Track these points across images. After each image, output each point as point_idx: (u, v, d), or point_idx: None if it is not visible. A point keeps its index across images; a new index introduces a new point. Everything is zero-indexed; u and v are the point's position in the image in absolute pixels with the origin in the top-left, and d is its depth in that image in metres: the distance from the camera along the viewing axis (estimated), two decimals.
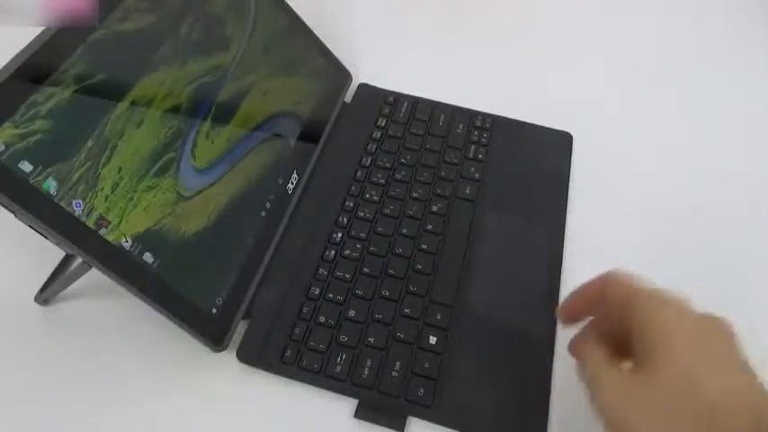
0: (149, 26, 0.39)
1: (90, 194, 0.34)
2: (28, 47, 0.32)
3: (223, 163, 0.43)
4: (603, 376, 0.30)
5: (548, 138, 0.55)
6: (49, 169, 0.32)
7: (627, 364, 0.30)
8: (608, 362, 0.30)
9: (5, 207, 0.31)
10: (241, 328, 0.42)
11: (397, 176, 0.51)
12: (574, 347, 0.35)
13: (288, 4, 0.52)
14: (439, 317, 0.43)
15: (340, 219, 0.48)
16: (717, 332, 0.29)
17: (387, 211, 0.48)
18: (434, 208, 0.49)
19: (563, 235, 0.48)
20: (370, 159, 0.52)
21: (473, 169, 0.52)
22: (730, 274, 0.47)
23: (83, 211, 0.33)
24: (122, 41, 0.37)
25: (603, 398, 0.29)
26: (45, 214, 0.31)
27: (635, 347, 0.29)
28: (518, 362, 0.41)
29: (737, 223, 0.50)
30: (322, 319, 0.42)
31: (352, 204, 0.49)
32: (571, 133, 0.55)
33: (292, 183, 0.48)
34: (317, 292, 0.44)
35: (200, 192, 0.41)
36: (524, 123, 0.56)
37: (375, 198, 0.49)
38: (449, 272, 0.45)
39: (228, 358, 0.41)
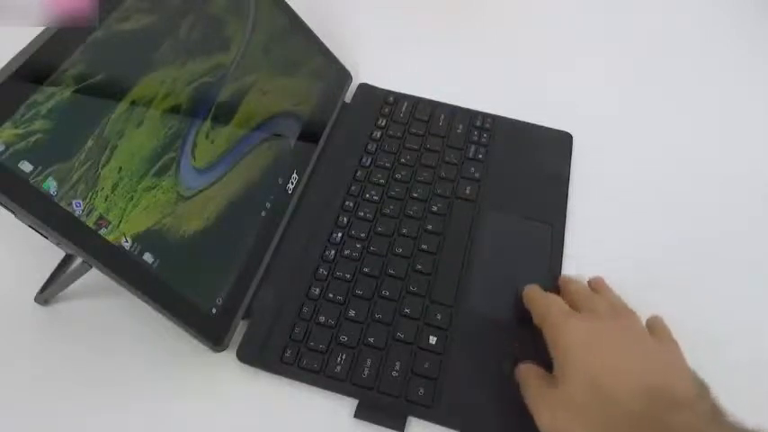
0: (149, 26, 0.39)
1: (90, 194, 0.34)
2: (28, 47, 0.32)
3: (223, 163, 0.43)
4: (538, 400, 0.36)
5: (548, 138, 0.55)
6: (49, 169, 0.32)
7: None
8: (540, 385, 0.36)
9: (5, 207, 0.31)
10: (241, 328, 0.42)
11: (397, 176, 0.51)
12: (518, 371, 0.39)
13: (288, 4, 0.52)
14: (439, 317, 0.43)
15: (340, 219, 0.48)
16: (610, 334, 0.36)
17: (387, 210, 0.48)
18: (434, 208, 0.49)
19: (563, 235, 0.48)
20: (370, 159, 0.52)
21: (473, 169, 0.52)
22: (731, 273, 0.47)
23: (83, 211, 0.33)
24: (122, 41, 0.37)
25: (541, 420, 0.35)
26: (45, 214, 0.31)
27: (554, 365, 0.36)
28: (517, 362, 0.41)
29: (738, 223, 0.50)
30: (322, 319, 0.42)
31: (352, 204, 0.49)
32: (571, 133, 0.55)
33: (292, 183, 0.48)
34: (316, 292, 0.44)
35: (200, 192, 0.40)
36: (524, 123, 0.56)
37: (375, 198, 0.49)
38: (449, 272, 0.45)
39: (228, 358, 0.41)
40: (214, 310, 0.40)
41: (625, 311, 0.39)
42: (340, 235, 0.47)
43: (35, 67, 0.32)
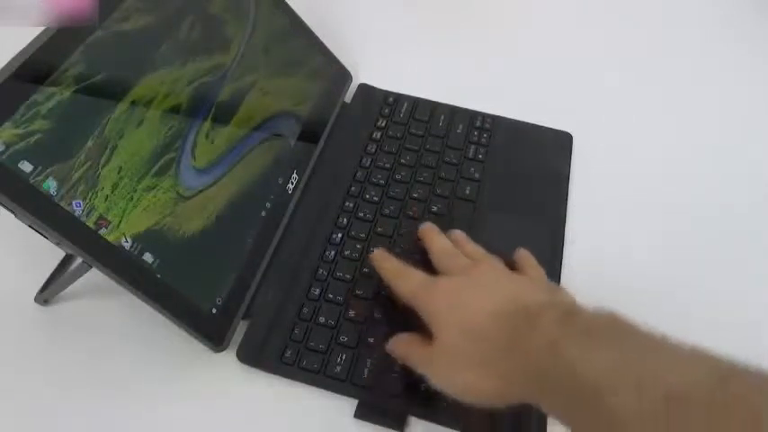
0: (149, 26, 0.39)
1: (90, 194, 0.34)
2: (28, 47, 0.32)
3: (223, 163, 0.43)
4: (423, 361, 0.37)
5: (548, 138, 0.55)
6: (49, 169, 0.32)
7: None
8: (420, 346, 0.37)
9: (5, 207, 0.31)
10: (241, 328, 0.42)
11: (397, 177, 0.51)
12: (395, 349, 0.39)
13: (288, 4, 0.52)
14: None
15: (340, 219, 0.48)
16: (469, 283, 0.37)
17: (387, 211, 0.48)
18: (434, 208, 0.49)
19: (563, 235, 0.48)
20: (369, 160, 0.52)
21: (473, 169, 0.52)
22: (731, 273, 0.47)
23: (83, 211, 0.33)
24: (122, 41, 0.37)
25: (436, 381, 0.36)
26: (45, 214, 0.31)
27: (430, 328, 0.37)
28: None
29: (737, 222, 0.50)
30: (322, 319, 0.42)
31: (351, 205, 0.49)
32: (571, 133, 0.55)
33: (292, 183, 0.48)
34: (316, 293, 0.44)
35: (200, 192, 0.40)
36: (524, 123, 0.56)
37: (375, 198, 0.49)
38: None
39: (228, 358, 0.41)
40: (214, 310, 0.40)
41: (483, 258, 0.40)
42: (340, 235, 0.47)
43: (35, 67, 0.32)
